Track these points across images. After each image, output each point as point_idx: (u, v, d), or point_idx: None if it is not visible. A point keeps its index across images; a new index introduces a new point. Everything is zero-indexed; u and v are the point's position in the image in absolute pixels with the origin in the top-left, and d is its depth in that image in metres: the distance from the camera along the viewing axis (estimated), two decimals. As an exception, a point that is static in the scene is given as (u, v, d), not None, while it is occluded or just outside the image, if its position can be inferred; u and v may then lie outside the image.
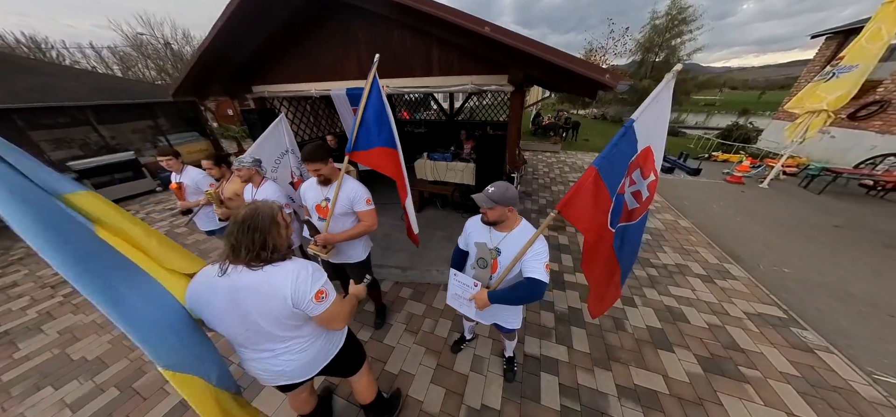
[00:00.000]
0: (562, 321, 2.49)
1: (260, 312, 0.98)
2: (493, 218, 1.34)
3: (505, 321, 1.62)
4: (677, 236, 4.02)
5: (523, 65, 2.39)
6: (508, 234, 1.40)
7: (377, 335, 2.37)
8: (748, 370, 2.05)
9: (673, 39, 18.12)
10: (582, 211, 1.23)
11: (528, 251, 1.31)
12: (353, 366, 1.46)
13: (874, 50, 4.77)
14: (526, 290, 1.30)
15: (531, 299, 1.32)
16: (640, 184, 1.40)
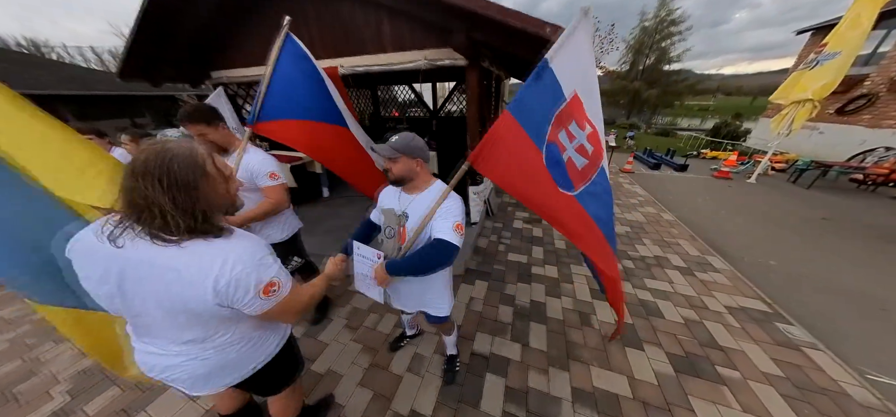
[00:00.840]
0: (521, 316, 2.20)
1: (161, 302, 0.68)
2: (398, 174, 1.09)
3: (429, 306, 1.33)
4: (658, 229, 3.74)
5: (465, 25, 2.14)
6: (417, 195, 1.15)
7: (312, 331, 2.07)
8: (726, 370, 1.76)
9: (662, 40, 18.08)
10: (500, 163, 1.03)
11: (437, 211, 1.06)
12: (280, 383, 1.06)
13: (855, 36, 4.63)
14: (429, 255, 1.04)
15: (437, 265, 1.04)
16: (579, 137, 1.17)
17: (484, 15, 1.92)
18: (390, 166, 1.08)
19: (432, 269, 1.06)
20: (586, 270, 2.81)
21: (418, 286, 1.27)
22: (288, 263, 1.86)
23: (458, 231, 1.02)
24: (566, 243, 3.32)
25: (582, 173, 1.19)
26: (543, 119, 1.06)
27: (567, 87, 1.07)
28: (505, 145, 1.03)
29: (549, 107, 1.05)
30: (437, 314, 1.35)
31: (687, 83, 19.40)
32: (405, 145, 1.06)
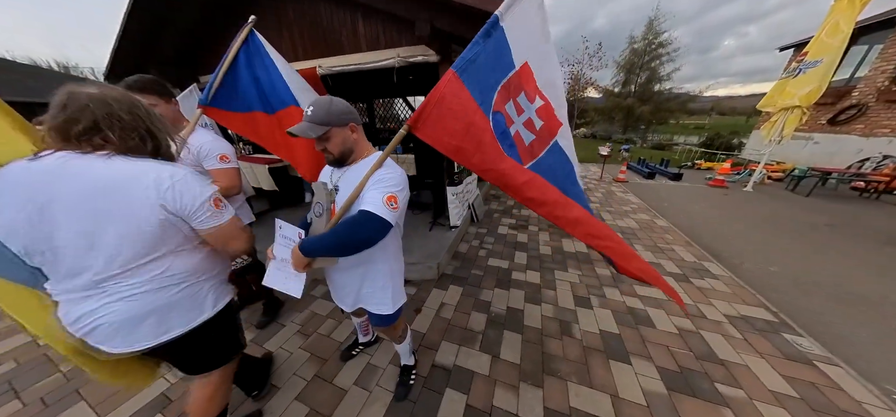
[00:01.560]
0: (494, 324, 1.94)
1: (96, 219, 0.63)
2: (337, 152, 0.93)
3: (368, 301, 1.11)
4: (652, 235, 3.49)
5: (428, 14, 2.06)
6: (352, 167, 0.99)
7: (259, 337, 1.83)
8: (728, 388, 1.47)
9: (652, 61, 18.44)
10: (444, 128, 0.90)
11: (368, 181, 0.90)
12: (212, 358, 0.94)
13: (835, 43, 4.59)
14: (347, 230, 0.86)
15: (358, 242, 0.85)
16: (528, 111, 1.06)
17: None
18: (325, 146, 0.91)
19: (353, 246, 0.86)
20: (571, 275, 2.56)
21: (355, 276, 1.06)
22: (236, 260, 1.66)
23: (389, 204, 0.84)
24: (552, 249, 3.08)
25: (530, 148, 1.08)
26: (489, 85, 0.96)
27: (518, 55, 0.98)
28: (448, 108, 0.89)
29: (498, 73, 0.96)
30: (377, 311, 1.11)
31: (679, 100, 19.56)
32: (326, 113, 0.87)
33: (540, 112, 1.07)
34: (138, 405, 1.41)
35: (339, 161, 0.96)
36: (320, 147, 0.93)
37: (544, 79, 1.07)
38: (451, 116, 0.90)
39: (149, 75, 1.30)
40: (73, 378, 1.56)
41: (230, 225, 0.80)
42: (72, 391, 1.49)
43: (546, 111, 1.08)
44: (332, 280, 1.14)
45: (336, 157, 0.94)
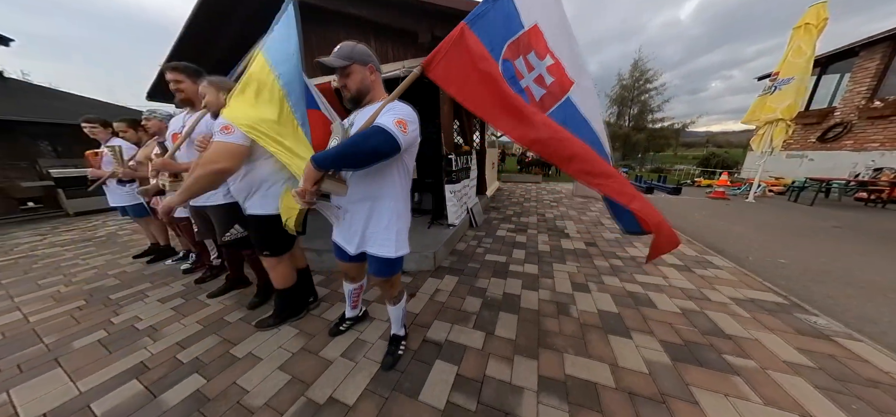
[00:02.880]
0: (490, 306, 1.87)
1: None
2: (354, 88, 1.01)
3: (372, 241, 1.10)
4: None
5: (428, 24, 2.30)
6: (366, 107, 1.06)
7: (249, 316, 1.78)
8: (738, 359, 1.36)
9: (642, 95, 19.47)
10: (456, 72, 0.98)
11: (381, 111, 0.95)
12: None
13: (802, 63, 4.98)
14: (360, 140, 0.88)
15: (369, 153, 0.88)
16: (538, 67, 1.13)
17: (440, 5, 2.07)
18: (344, 82, 1.01)
19: (362, 154, 0.88)
20: (570, 266, 2.49)
21: (362, 211, 1.07)
22: (229, 229, 1.69)
23: (398, 126, 0.89)
24: (550, 247, 3.03)
25: (540, 103, 1.13)
26: (499, 38, 1.03)
27: (527, 17, 1.06)
28: (459, 54, 0.97)
29: (506, 31, 1.03)
30: (380, 253, 1.09)
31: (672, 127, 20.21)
32: (351, 50, 0.98)
33: (550, 69, 1.11)
34: (115, 372, 1.35)
35: (355, 99, 1.03)
36: (341, 83, 1.02)
37: (554, 40, 1.12)
38: (463, 59, 0.98)
39: (182, 61, 1.55)
40: (54, 350, 1.52)
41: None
42: (50, 360, 1.44)
43: (556, 69, 1.11)
44: (340, 216, 1.13)
45: (353, 94, 1.02)
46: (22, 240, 3.94)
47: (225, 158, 1.17)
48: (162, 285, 2.30)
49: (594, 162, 1.04)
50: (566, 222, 4.11)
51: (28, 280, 2.50)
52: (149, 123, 1.98)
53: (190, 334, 1.62)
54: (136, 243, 3.52)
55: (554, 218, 4.39)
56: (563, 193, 6.98)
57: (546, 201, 5.89)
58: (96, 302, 2.04)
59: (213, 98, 1.33)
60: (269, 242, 1.47)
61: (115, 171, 2.24)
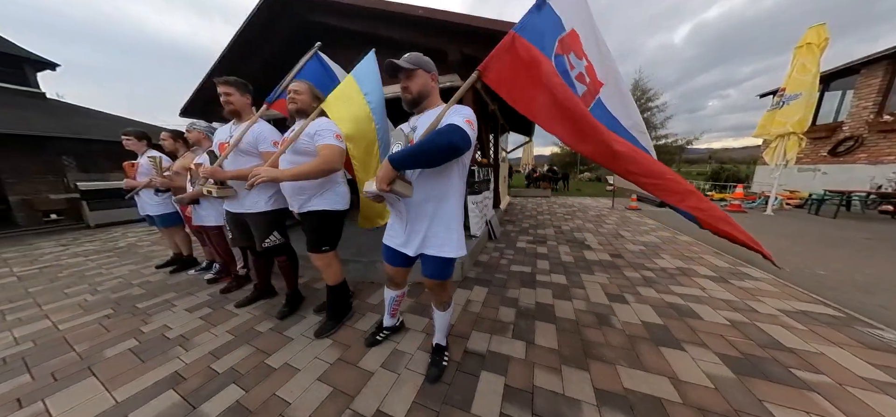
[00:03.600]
0: (525, 316, 1.79)
1: None
2: (416, 91, 1.07)
3: (433, 241, 1.09)
4: (676, 247, 3.33)
5: (457, 43, 2.39)
6: (425, 113, 1.11)
7: (279, 326, 1.73)
8: (808, 374, 1.26)
9: (644, 113, 19.84)
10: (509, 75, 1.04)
11: (447, 117, 0.99)
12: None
13: (808, 79, 5.05)
14: (436, 138, 0.91)
15: (445, 149, 0.90)
16: (578, 66, 1.18)
17: (471, 26, 2.17)
18: (408, 84, 1.06)
19: (438, 150, 0.90)
20: (599, 277, 2.41)
21: (425, 212, 1.08)
22: (268, 236, 1.69)
23: (468, 125, 0.94)
24: (574, 258, 2.95)
25: (582, 99, 1.16)
26: (548, 39, 1.09)
27: (567, 22, 1.13)
28: (511, 59, 1.03)
29: (552, 31, 1.10)
30: (441, 253, 1.08)
31: (676, 144, 20.31)
32: (418, 59, 1.06)
33: (587, 70, 1.17)
34: (150, 381, 1.30)
35: (415, 101, 1.09)
36: (404, 84, 1.07)
37: (588, 44, 1.18)
38: (515, 64, 1.04)
39: (233, 76, 1.62)
40: (86, 358, 1.48)
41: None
42: (83, 368, 1.40)
43: (590, 71, 1.16)
44: (404, 216, 1.12)
45: (414, 96, 1.07)
46: (46, 250, 3.99)
47: (339, 159, 1.37)
48: (187, 294, 2.27)
49: (639, 161, 1.02)
50: (585, 235, 4.04)
51: (54, 289, 2.49)
52: (190, 134, 2.05)
53: (222, 343, 1.57)
54: (156, 254, 3.53)
55: (571, 230, 4.33)
56: (575, 206, 6.93)
57: (559, 215, 5.83)
58: (124, 311, 2.01)
59: (307, 99, 1.46)
60: (329, 236, 1.55)
61: (152, 180, 2.29)
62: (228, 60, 3.18)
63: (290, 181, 1.36)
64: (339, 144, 1.38)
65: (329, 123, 1.40)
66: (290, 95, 1.47)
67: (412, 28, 2.55)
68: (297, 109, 1.45)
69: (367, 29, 2.75)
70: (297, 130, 1.37)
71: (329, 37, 3.09)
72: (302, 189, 1.44)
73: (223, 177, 1.54)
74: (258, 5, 2.81)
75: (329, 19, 2.86)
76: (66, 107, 7.84)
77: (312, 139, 1.36)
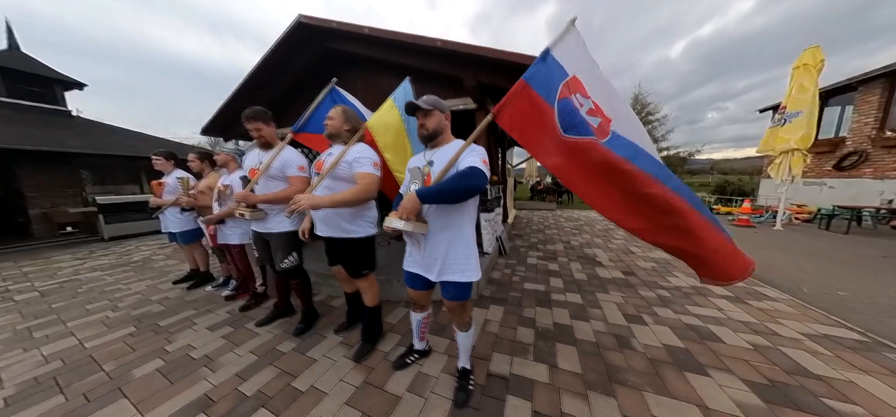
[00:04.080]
0: (544, 337, 1.80)
1: None
2: (432, 128, 1.19)
3: (453, 266, 1.16)
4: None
5: (473, 71, 2.50)
6: (442, 147, 1.22)
7: (301, 346, 1.74)
8: (839, 403, 1.24)
9: (645, 126, 20.08)
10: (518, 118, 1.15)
11: (465, 156, 1.11)
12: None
13: (807, 98, 5.18)
14: (457, 180, 1.05)
15: (466, 189, 1.04)
16: (586, 103, 1.24)
17: (487, 57, 2.28)
18: (425, 121, 1.18)
19: (461, 191, 1.04)
20: (614, 296, 2.41)
21: (442, 241, 1.16)
22: (287, 256, 1.74)
23: (484, 165, 1.07)
24: (587, 276, 2.95)
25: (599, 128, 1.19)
26: (553, 86, 1.17)
27: (569, 68, 1.22)
28: (521, 105, 1.16)
29: (557, 79, 1.18)
30: (461, 278, 1.15)
31: (679, 156, 20.39)
32: (436, 101, 1.19)
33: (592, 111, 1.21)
34: (181, 404, 1.32)
35: (430, 137, 1.20)
36: (421, 120, 1.19)
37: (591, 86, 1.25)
38: (524, 109, 1.16)
39: (258, 107, 1.70)
40: (116, 377, 1.50)
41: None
42: (114, 388, 1.42)
43: (597, 110, 1.21)
44: (423, 247, 1.19)
45: (429, 132, 1.19)
46: (64, 264, 4.07)
47: (376, 188, 1.43)
48: (207, 312, 2.30)
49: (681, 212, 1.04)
50: (595, 251, 4.04)
51: (76, 305, 2.54)
52: (219, 156, 2.14)
53: (247, 365, 1.59)
54: (172, 269, 3.58)
55: (581, 246, 4.32)
56: (581, 220, 6.93)
57: (567, 229, 5.84)
58: (146, 329, 2.04)
59: (338, 124, 1.49)
60: (368, 259, 1.57)
61: (179, 199, 2.37)
62: (256, 80, 3.32)
63: (329, 208, 1.40)
64: (376, 172, 1.42)
65: (367, 151, 1.46)
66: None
67: (431, 57, 2.67)
68: (329, 134, 1.51)
69: (387, 57, 2.88)
70: (336, 156, 1.42)
71: (350, 64, 3.25)
72: (338, 215, 1.47)
73: (255, 201, 1.61)
74: (285, 33, 2.97)
75: (351, 47, 3.01)
76: (87, 123, 8.15)
77: (350, 166, 1.41)
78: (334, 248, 1.59)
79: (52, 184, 6.00)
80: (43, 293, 2.87)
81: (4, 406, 1.34)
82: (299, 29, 2.95)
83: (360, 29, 2.79)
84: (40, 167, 5.80)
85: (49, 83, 7.52)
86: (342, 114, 1.53)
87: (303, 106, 2.00)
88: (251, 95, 3.43)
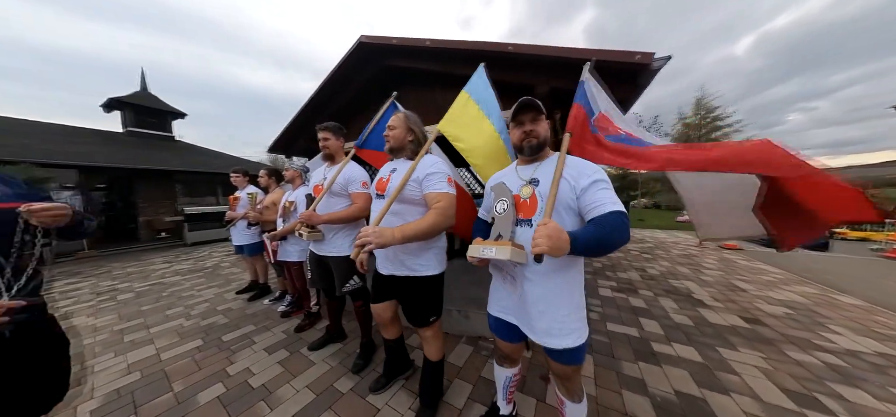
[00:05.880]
0: (669, 412, 1.31)
1: None
2: (543, 136, 0.96)
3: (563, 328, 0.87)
4: (841, 313, 2.44)
5: (548, 76, 2.20)
6: (543, 162, 0.98)
7: (359, 387, 1.53)
8: None
9: (711, 133, 17.48)
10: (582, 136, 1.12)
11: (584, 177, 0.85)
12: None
13: None
14: (612, 230, 0.76)
15: (618, 242, 0.77)
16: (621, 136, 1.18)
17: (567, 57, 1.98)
18: (534, 128, 0.95)
19: (612, 246, 0.77)
20: (749, 355, 1.78)
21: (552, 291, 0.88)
22: (349, 279, 1.58)
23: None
24: (691, 319, 2.32)
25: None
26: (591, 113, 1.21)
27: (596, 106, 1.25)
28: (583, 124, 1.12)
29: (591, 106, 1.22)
30: (572, 342, 0.86)
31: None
32: (542, 105, 0.96)
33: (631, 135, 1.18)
34: None
35: (538, 148, 0.97)
36: (531, 127, 0.95)
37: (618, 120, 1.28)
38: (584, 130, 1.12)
39: (333, 122, 1.67)
40: (182, 402, 1.45)
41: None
42: (181, 415, 1.35)
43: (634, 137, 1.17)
44: (517, 286, 0.93)
45: (539, 142, 0.96)
46: (156, 266, 4.68)
47: (454, 210, 1.14)
48: (264, 328, 2.28)
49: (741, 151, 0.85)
50: (685, 283, 3.28)
51: (159, 310, 2.76)
52: (288, 172, 2.18)
53: (305, 404, 1.43)
54: (235, 277, 3.83)
55: (663, 276, 3.58)
56: (648, 240, 5.96)
57: (635, 252, 5.01)
58: (211, 344, 2.06)
59: (401, 134, 1.26)
60: (436, 303, 1.25)
61: (247, 213, 2.46)
62: (317, 100, 3.50)
63: (410, 240, 1.07)
64: (453, 189, 1.15)
65: (438, 164, 1.20)
66: (386, 132, 1.34)
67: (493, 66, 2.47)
68: (391, 147, 1.28)
69: (444, 69, 2.76)
70: (405, 176, 1.16)
71: (402, 79, 3.22)
72: (403, 247, 1.16)
73: (317, 222, 1.50)
74: (346, 55, 3.07)
75: (406, 62, 2.98)
76: (183, 145, 9.85)
77: (420, 185, 1.15)
78: (391, 285, 1.25)
79: (156, 196, 7.21)
80: (137, 295, 3.24)
81: (88, 421, 1.35)
82: (360, 49, 3.02)
83: (421, 42, 2.72)
84: (150, 183, 7.04)
85: (163, 115, 9.38)
86: (404, 121, 1.27)
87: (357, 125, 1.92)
88: (311, 116, 3.61)
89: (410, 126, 1.28)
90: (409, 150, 1.28)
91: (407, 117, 1.30)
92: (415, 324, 1.25)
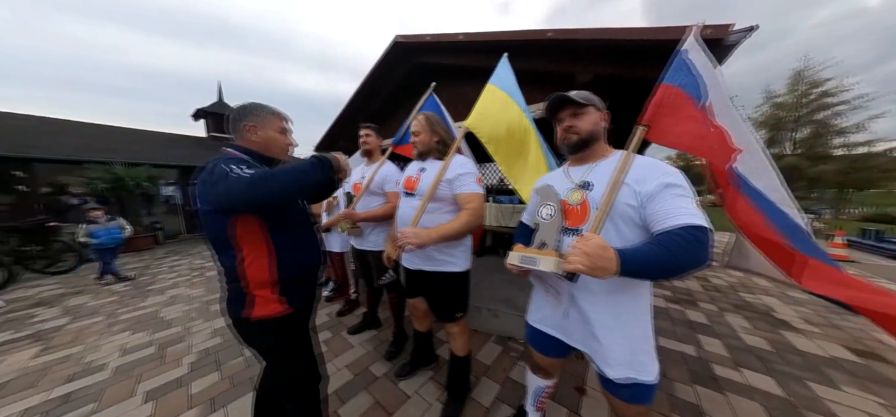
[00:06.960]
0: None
1: None
2: (587, 130, 0.83)
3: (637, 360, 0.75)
4: None
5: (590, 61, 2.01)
6: (599, 162, 0.84)
7: (391, 372, 1.65)
8: None
9: (815, 113, 13.75)
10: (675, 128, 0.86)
11: (650, 180, 0.71)
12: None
13: None
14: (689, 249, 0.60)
15: (694, 265, 0.61)
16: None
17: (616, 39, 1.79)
18: (575, 123, 0.83)
19: (682, 269, 0.61)
20: (864, 401, 1.43)
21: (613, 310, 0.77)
22: (385, 273, 1.69)
23: (702, 211, 0.65)
24: (768, 341, 1.95)
25: None
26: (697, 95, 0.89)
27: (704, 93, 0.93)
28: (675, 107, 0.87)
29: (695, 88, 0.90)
30: (648, 377, 0.74)
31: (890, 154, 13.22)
32: (589, 96, 0.84)
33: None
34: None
35: (580, 145, 0.84)
36: (569, 122, 0.85)
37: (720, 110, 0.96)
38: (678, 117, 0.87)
39: (374, 123, 1.81)
40: (250, 365, 1.72)
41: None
42: (246, 379, 1.61)
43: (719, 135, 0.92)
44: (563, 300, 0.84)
45: (581, 138, 0.83)
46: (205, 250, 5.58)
47: (483, 210, 1.18)
48: (313, 310, 2.56)
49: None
50: (765, 299, 2.76)
51: (234, 287, 3.29)
52: None
53: (344, 383, 1.58)
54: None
55: (731, 287, 3.06)
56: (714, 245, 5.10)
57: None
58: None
59: (426, 138, 1.28)
60: (463, 299, 1.28)
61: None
62: (356, 101, 3.76)
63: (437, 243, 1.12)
64: (482, 189, 1.19)
65: (468, 164, 1.22)
66: (412, 138, 1.37)
67: (528, 55, 2.34)
68: (420, 153, 1.30)
69: (477, 63, 2.71)
70: (437, 176, 1.18)
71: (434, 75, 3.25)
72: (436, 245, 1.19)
73: (357, 219, 1.63)
74: (382, 56, 3.22)
75: (439, 58, 3.00)
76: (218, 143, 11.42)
77: (451, 186, 1.17)
78: (419, 281, 1.30)
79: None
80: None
81: (191, 370, 1.71)
82: (395, 48, 3.13)
83: (455, 37, 2.71)
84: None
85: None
86: (426, 123, 1.28)
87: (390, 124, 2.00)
88: (350, 119, 3.88)
89: (434, 128, 1.29)
90: (437, 150, 1.30)
91: (428, 120, 1.31)
92: (441, 319, 1.29)
